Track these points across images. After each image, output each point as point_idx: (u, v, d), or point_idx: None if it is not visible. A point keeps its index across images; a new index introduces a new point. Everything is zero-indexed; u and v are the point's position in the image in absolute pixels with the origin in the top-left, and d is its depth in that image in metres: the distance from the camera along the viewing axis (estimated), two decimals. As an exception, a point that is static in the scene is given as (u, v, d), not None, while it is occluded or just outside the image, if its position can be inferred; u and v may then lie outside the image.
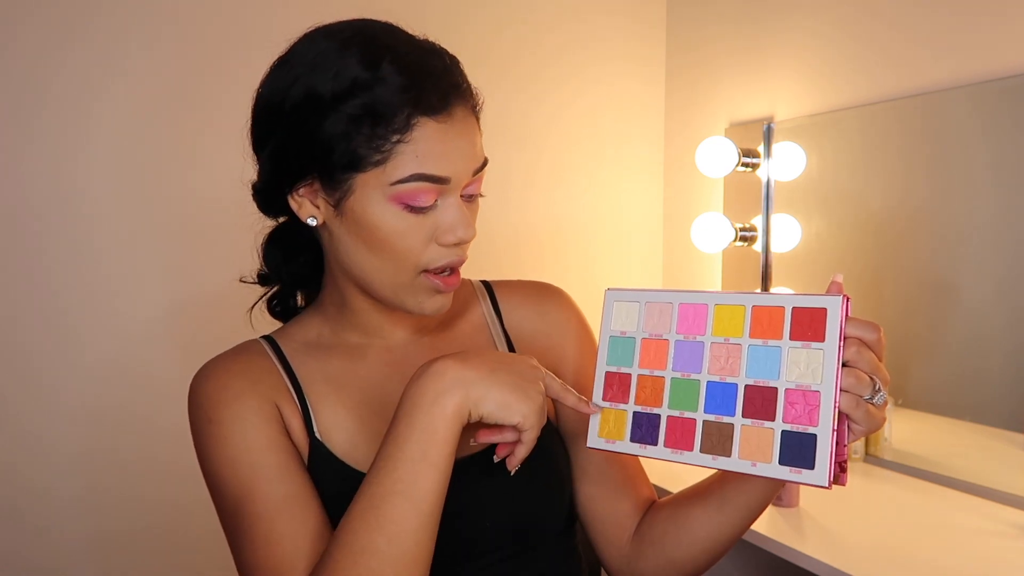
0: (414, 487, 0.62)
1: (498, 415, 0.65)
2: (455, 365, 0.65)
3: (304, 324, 0.80)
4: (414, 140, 0.65)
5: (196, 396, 0.73)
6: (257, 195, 0.75)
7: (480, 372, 0.65)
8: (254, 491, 0.68)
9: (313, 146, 0.67)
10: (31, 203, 1.43)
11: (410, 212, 0.67)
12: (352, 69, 0.65)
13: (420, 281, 0.71)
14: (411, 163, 0.66)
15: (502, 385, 0.65)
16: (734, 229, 1.78)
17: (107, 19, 1.46)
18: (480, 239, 1.55)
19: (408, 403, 0.65)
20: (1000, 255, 1.39)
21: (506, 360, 0.68)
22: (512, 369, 0.66)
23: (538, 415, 0.66)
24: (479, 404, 0.64)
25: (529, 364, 0.68)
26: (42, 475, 1.46)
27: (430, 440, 0.63)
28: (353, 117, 0.65)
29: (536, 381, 0.67)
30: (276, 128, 0.69)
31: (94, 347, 1.49)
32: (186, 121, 1.52)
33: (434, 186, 0.67)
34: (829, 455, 0.59)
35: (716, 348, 0.66)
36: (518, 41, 1.89)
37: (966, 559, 1.14)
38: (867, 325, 0.62)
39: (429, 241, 0.69)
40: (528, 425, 0.65)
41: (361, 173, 0.66)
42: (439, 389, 0.64)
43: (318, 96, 0.66)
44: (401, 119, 0.65)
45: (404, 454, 0.63)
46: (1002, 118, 1.38)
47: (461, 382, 0.64)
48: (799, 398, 0.61)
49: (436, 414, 0.63)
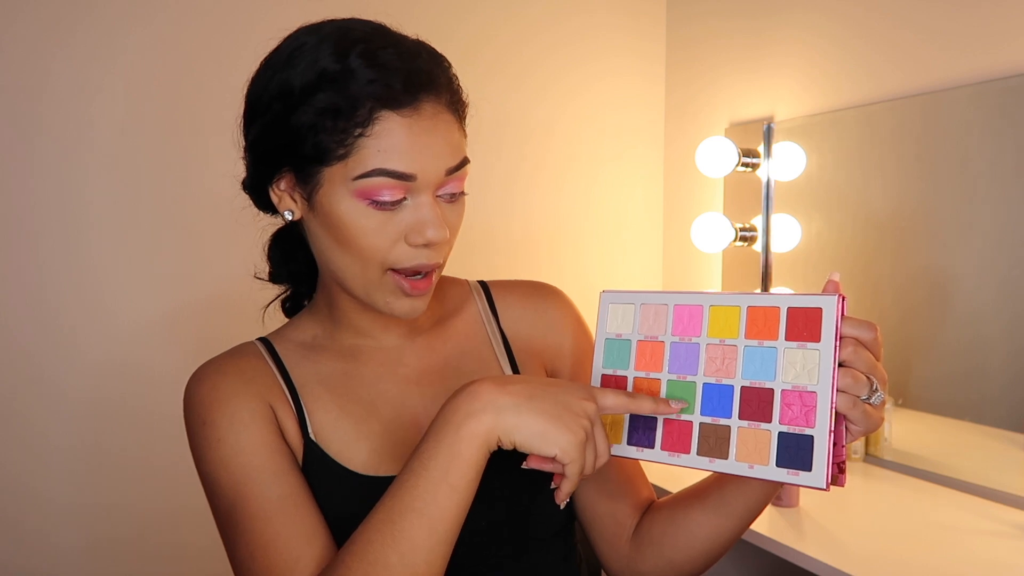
0: (432, 506, 0.61)
1: (533, 445, 0.61)
2: (491, 388, 0.62)
3: (299, 326, 0.80)
4: (376, 134, 0.64)
5: (191, 398, 0.73)
6: (247, 191, 0.75)
7: (516, 398, 0.62)
8: (249, 492, 0.68)
9: (284, 138, 0.67)
10: (29, 203, 1.43)
11: (376, 208, 0.66)
12: (322, 62, 0.65)
13: (387, 280, 0.70)
14: (373, 157, 0.65)
15: (538, 414, 0.61)
16: (734, 229, 1.77)
17: (104, 20, 1.46)
18: (480, 240, 1.55)
19: (439, 420, 0.63)
20: (1000, 254, 1.39)
21: (551, 387, 0.63)
22: (555, 398, 0.62)
23: (578, 448, 0.61)
24: (511, 432, 0.61)
25: (578, 394, 0.63)
26: (40, 479, 1.46)
27: (453, 461, 0.61)
28: (320, 110, 0.65)
29: (581, 414, 0.62)
30: (254, 122, 0.70)
31: (93, 348, 1.49)
32: (184, 122, 1.52)
33: (399, 183, 0.65)
34: (826, 456, 0.59)
35: (712, 349, 0.66)
36: (518, 40, 1.89)
37: (966, 559, 1.14)
38: (863, 324, 0.61)
39: (397, 240, 0.68)
40: (568, 459, 0.61)
41: (327, 167, 0.66)
42: (470, 411, 0.62)
43: (290, 88, 0.66)
44: (363, 112, 0.64)
45: (427, 471, 0.61)
46: (1002, 118, 1.38)
47: (493, 407, 0.61)
48: (795, 399, 0.61)
49: (463, 436, 0.61)
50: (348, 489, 0.72)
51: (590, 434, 0.62)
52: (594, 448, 0.63)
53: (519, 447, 0.62)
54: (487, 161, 1.86)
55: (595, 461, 0.63)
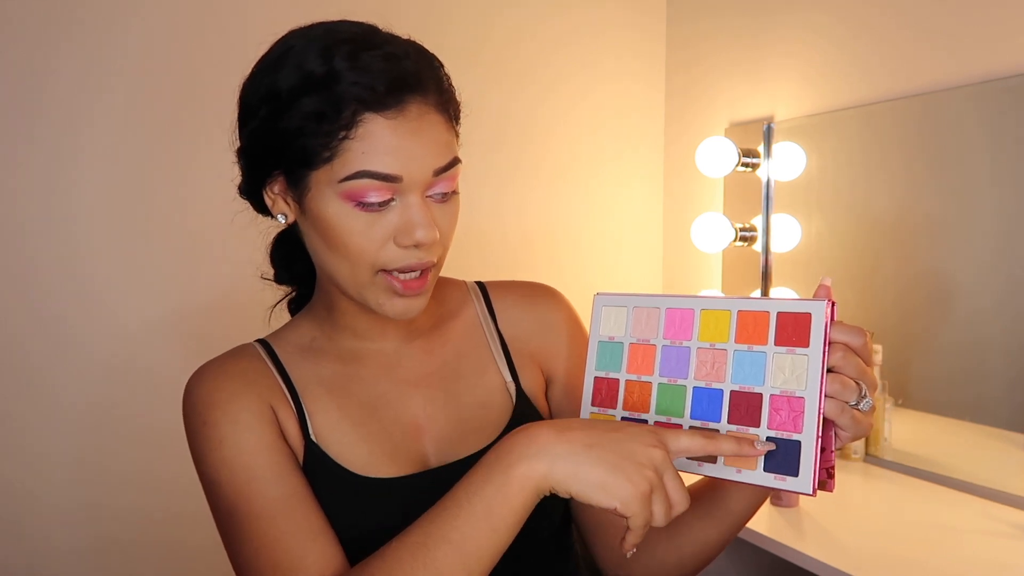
0: (469, 543, 0.60)
1: (589, 496, 0.58)
2: (549, 434, 0.60)
3: (297, 327, 0.81)
4: (360, 136, 0.65)
5: (191, 399, 0.73)
6: (242, 194, 0.75)
7: (573, 447, 0.59)
8: (252, 492, 0.68)
9: (273, 142, 0.68)
10: (27, 207, 1.44)
11: (362, 210, 0.66)
12: (308, 65, 0.65)
13: (379, 280, 0.70)
14: (357, 160, 0.65)
15: (596, 463, 0.58)
16: (734, 229, 1.77)
17: (101, 23, 1.47)
18: (479, 241, 1.55)
19: (492, 456, 0.62)
20: (1000, 254, 1.39)
21: (615, 433, 0.60)
22: (618, 446, 0.59)
23: (640, 501, 0.57)
24: (565, 482, 0.59)
25: (644, 440, 0.60)
26: (38, 480, 1.46)
27: (499, 502, 0.60)
28: (305, 113, 0.65)
29: (646, 463, 0.58)
30: (246, 125, 0.71)
31: (91, 350, 1.50)
32: (181, 123, 1.53)
33: (384, 184, 0.65)
34: (813, 462, 0.59)
35: (702, 353, 0.66)
36: (518, 40, 1.89)
37: (966, 559, 1.14)
38: (852, 330, 0.61)
39: (386, 241, 0.68)
40: (629, 512, 0.58)
41: (314, 170, 0.67)
42: (524, 454, 0.60)
43: (277, 92, 0.66)
44: (347, 115, 0.64)
45: (470, 505, 0.60)
46: (1002, 118, 1.37)
47: (549, 454, 0.59)
48: (784, 404, 0.61)
49: (513, 478, 0.59)
50: (349, 491, 0.72)
51: (656, 485, 0.58)
52: (664, 498, 0.59)
53: (576, 497, 0.59)
54: (487, 161, 1.87)
55: (669, 511, 0.59)
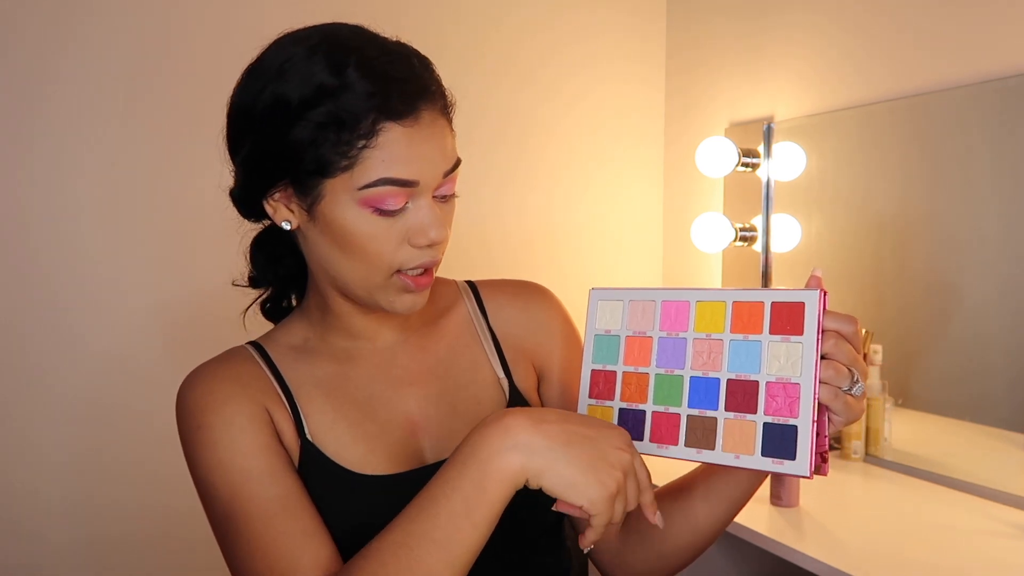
0: (451, 539, 0.60)
1: (560, 492, 0.60)
2: (526, 426, 0.61)
3: (290, 328, 0.81)
4: (379, 145, 0.66)
5: (184, 402, 0.73)
6: (235, 201, 0.75)
7: (551, 442, 0.60)
8: (248, 494, 0.68)
9: (283, 152, 0.68)
10: (24, 205, 1.45)
11: (380, 215, 0.68)
12: (318, 75, 0.66)
13: (394, 280, 0.71)
14: (378, 168, 0.66)
15: (572, 462, 0.59)
16: (734, 229, 1.78)
17: (98, 26, 1.48)
18: (480, 241, 1.56)
19: (467, 448, 0.62)
20: (1000, 254, 1.39)
21: (590, 433, 0.61)
22: (592, 445, 0.60)
23: (607, 502, 0.59)
24: (540, 476, 0.60)
25: (615, 442, 0.61)
26: (36, 477, 1.47)
27: (477, 497, 0.60)
28: (320, 124, 0.65)
29: (616, 465, 0.60)
30: (248, 135, 0.70)
31: (89, 347, 1.50)
32: (182, 121, 1.54)
33: (402, 189, 0.67)
34: (810, 445, 0.60)
35: (698, 344, 0.67)
36: (518, 40, 1.90)
37: (966, 559, 1.14)
38: (844, 318, 0.62)
39: (401, 243, 0.69)
40: (596, 511, 0.59)
41: (330, 179, 0.67)
42: (500, 447, 0.60)
43: (286, 103, 0.66)
44: (366, 125, 0.65)
45: (449, 502, 0.60)
46: (1002, 118, 1.38)
47: (526, 448, 0.60)
48: (780, 391, 0.62)
49: (490, 472, 0.60)
50: (346, 489, 0.73)
51: (621, 487, 0.60)
52: (625, 499, 0.61)
53: (546, 491, 0.60)
54: (487, 162, 1.87)
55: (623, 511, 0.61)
